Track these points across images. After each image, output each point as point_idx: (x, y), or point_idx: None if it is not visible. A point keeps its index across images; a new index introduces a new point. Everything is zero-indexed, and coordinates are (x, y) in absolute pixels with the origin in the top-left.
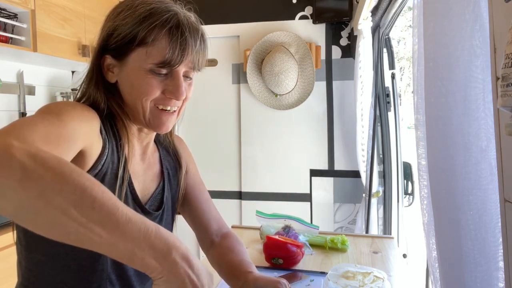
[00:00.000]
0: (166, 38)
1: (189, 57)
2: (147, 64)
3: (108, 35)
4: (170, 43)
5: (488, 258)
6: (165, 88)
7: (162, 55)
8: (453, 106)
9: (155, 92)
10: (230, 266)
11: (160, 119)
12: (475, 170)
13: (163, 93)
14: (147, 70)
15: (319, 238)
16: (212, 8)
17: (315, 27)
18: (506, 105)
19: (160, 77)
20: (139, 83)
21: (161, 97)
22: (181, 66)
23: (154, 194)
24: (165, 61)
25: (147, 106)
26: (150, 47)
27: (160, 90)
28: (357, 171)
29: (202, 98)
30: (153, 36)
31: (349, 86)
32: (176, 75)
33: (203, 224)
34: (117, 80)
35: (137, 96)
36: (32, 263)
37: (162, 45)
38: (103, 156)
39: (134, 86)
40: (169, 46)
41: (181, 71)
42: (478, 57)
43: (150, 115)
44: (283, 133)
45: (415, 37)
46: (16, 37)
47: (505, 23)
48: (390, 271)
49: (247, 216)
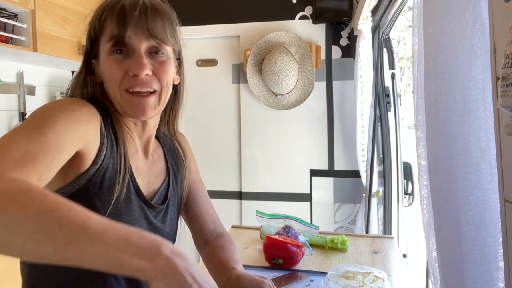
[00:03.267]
0: (112, 19)
1: (132, 25)
2: (105, 49)
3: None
4: (116, 20)
5: (488, 258)
6: (128, 67)
7: (111, 32)
8: (453, 106)
9: (118, 73)
10: (217, 263)
11: (133, 103)
12: (475, 170)
13: (127, 73)
14: (108, 54)
15: (319, 238)
16: (212, 8)
17: (315, 27)
18: (506, 105)
19: (119, 56)
20: (106, 71)
21: (127, 78)
22: (135, 40)
23: (160, 189)
24: (112, 36)
25: (118, 92)
26: (105, 34)
27: (122, 71)
28: (357, 171)
29: (202, 98)
30: (106, 25)
31: (349, 86)
32: (134, 50)
33: (200, 223)
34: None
35: (109, 85)
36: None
37: (110, 26)
38: (101, 151)
39: (105, 77)
40: (115, 22)
41: (140, 47)
42: (478, 57)
43: (123, 101)
44: (283, 133)
45: (415, 37)
46: (16, 37)
47: (505, 23)
48: (390, 271)
49: (247, 216)
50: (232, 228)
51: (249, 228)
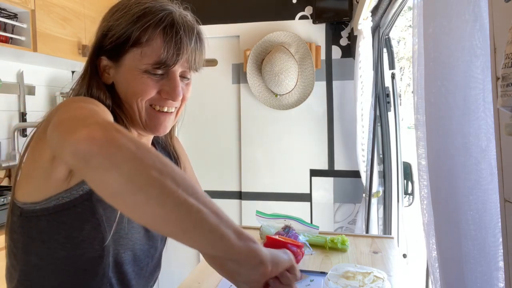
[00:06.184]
0: (160, 37)
1: (184, 57)
2: (142, 65)
3: (103, 35)
4: (165, 42)
5: (488, 258)
6: (161, 88)
7: (157, 55)
8: (453, 106)
9: (151, 92)
10: None
11: (157, 120)
12: (475, 170)
13: (159, 93)
14: (142, 70)
15: (319, 238)
16: (212, 8)
17: (315, 27)
18: (506, 105)
19: (156, 77)
20: (135, 84)
21: (157, 97)
22: (177, 66)
23: None
24: (160, 61)
25: (142, 106)
26: (145, 47)
27: (156, 91)
28: (357, 171)
29: (202, 98)
30: (147, 36)
31: (349, 86)
32: (173, 75)
33: None
34: (113, 82)
35: (133, 96)
36: (29, 267)
37: (156, 45)
38: None
39: (130, 87)
40: (164, 45)
41: (178, 71)
42: (478, 57)
43: (146, 116)
44: (283, 133)
45: (415, 37)
46: (16, 37)
47: (505, 23)
48: (390, 271)
49: (247, 216)
50: None
51: (249, 228)
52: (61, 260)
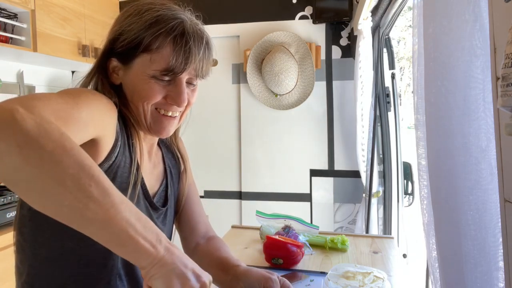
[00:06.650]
0: (170, 46)
1: (192, 66)
2: (150, 70)
3: (114, 38)
4: (174, 51)
5: (488, 258)
6: (167, 94)
7: (166, 62)
8: (453, 106)
9: (157, 97)
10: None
11: (161, 123)
12: (475, 170)
13: (164, 98)
14: (150, 75)
15: (319, 238)
16: (212, 8)
17: (315, 27)
18: (506, 105)
19: (163, 83)
20: (142, 88)
21: (162, 102)
22: (184, 74)
23: (158, 191)
24: (168, 68)
25: (148, 109)
26: (155, 54)
27: (161, 96)
28: (357, 171)
29: (202, 98)
30: (158, 43)
31: (349, 86)
32: (179, 82)
33: (192, 225)
34: (122, 83)
35: (139, 99)
36: (38, 260)
37: (166, 52)
38: (116, 148)
39: (136, 90)
40: (173, 54)
41: (184, 79)
42: (478, 57)
43: (151, 119)
44: (283, 133)
45: (415, 37)
46: (16, 37)
47: (505, 23)
48: (390, 271)
49: (247, 216)
50: (232, 228)
51: (249, 228)
52: (71, 251)
